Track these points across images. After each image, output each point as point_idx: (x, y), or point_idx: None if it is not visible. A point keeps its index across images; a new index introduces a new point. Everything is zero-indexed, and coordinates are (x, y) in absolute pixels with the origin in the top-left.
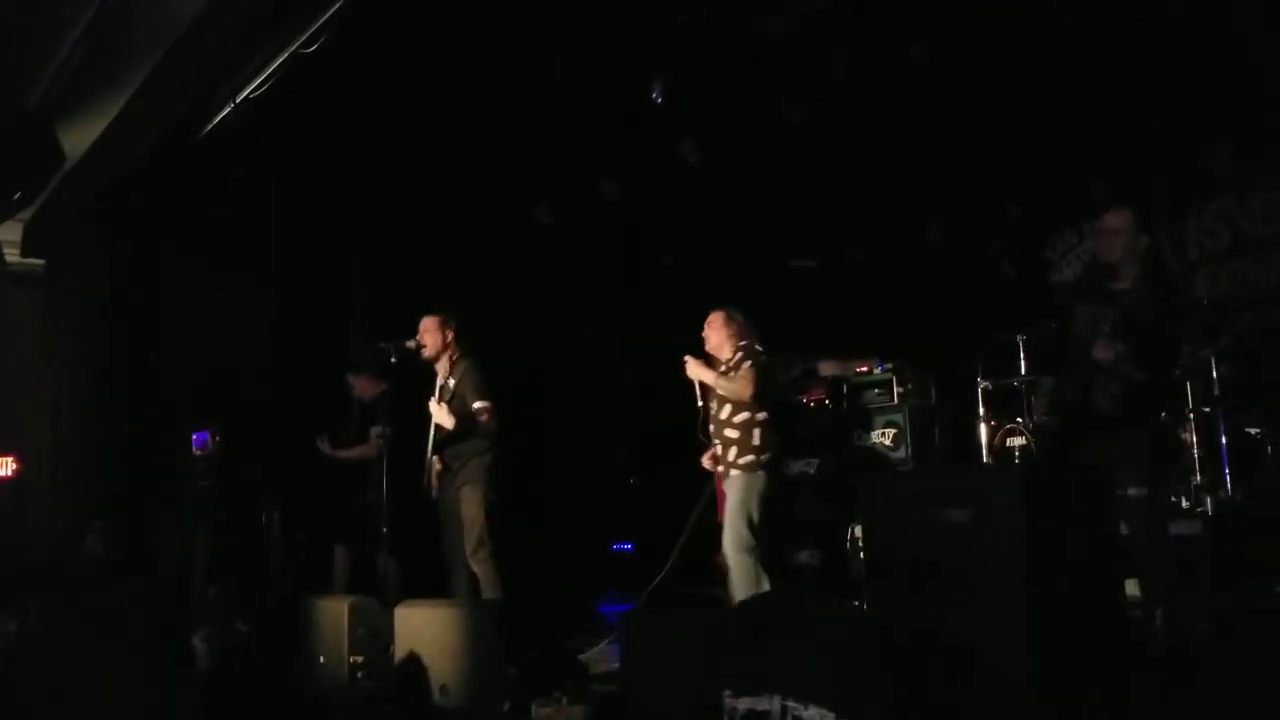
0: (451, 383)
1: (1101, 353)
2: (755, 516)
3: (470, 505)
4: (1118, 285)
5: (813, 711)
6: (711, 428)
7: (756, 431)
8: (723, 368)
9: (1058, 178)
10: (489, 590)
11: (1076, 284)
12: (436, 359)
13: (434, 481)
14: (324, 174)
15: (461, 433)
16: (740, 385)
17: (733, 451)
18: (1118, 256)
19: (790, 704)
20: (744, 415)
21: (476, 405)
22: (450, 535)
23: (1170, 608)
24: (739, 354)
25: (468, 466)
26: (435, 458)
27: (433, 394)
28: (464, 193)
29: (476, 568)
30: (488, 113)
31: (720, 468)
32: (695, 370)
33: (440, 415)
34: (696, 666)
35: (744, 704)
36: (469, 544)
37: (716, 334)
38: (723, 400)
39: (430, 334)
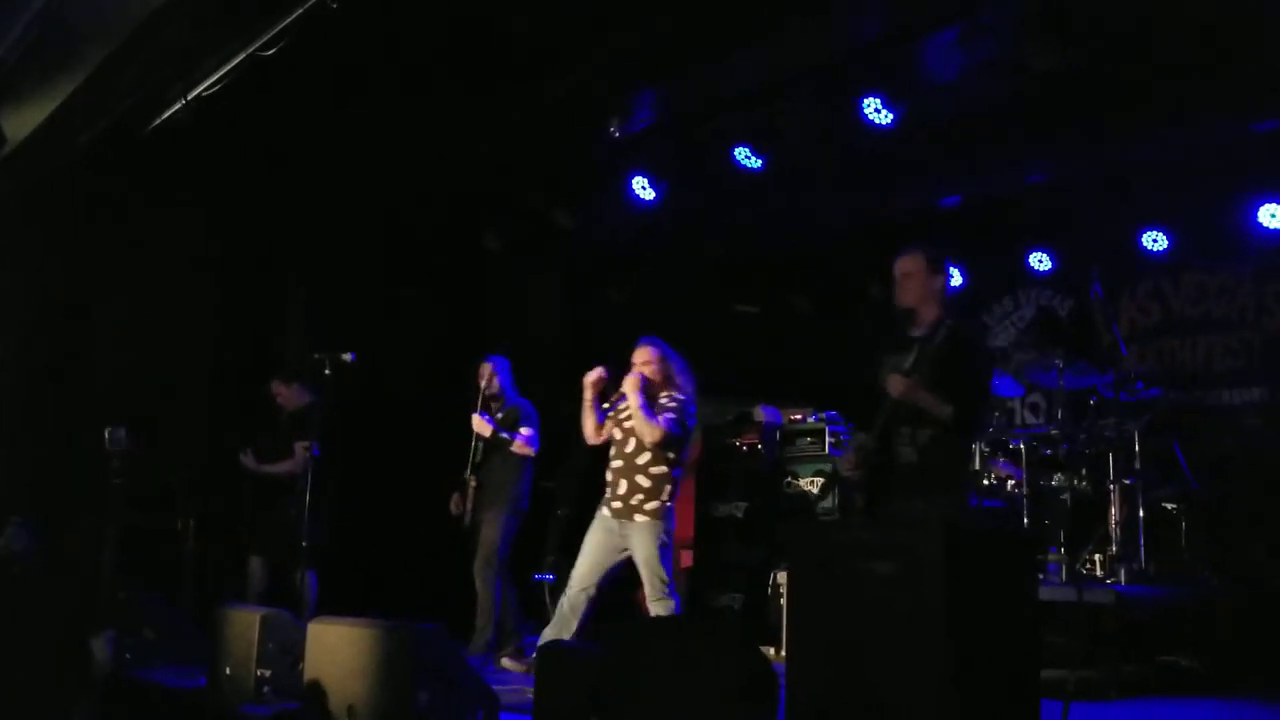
0: (499, 415)
1: (894, 387)
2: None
3: (489, 528)
4: (917, 330)
5: None
6: (620, 464)
7: (668, 487)
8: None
9: (997, 247)
10: (483, 611)
11: (886, 336)
12: (496, 396)
13: (468, 505)
14: (271, 179)
15: (497, 455)
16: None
17: (638, 497)
18: (914, 301)
19: None
20: (662, 468)
21: (524, 434)
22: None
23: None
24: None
25: (497, 491)
26: (472, 477)
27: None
28: (411, 212)
29: (478, 584)
30: (439, 134)
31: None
32: None
33: (479, 425)
34: (582, 699)
35: None
36: (478, 561)
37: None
38: (641, 445)
39: (494, 378)
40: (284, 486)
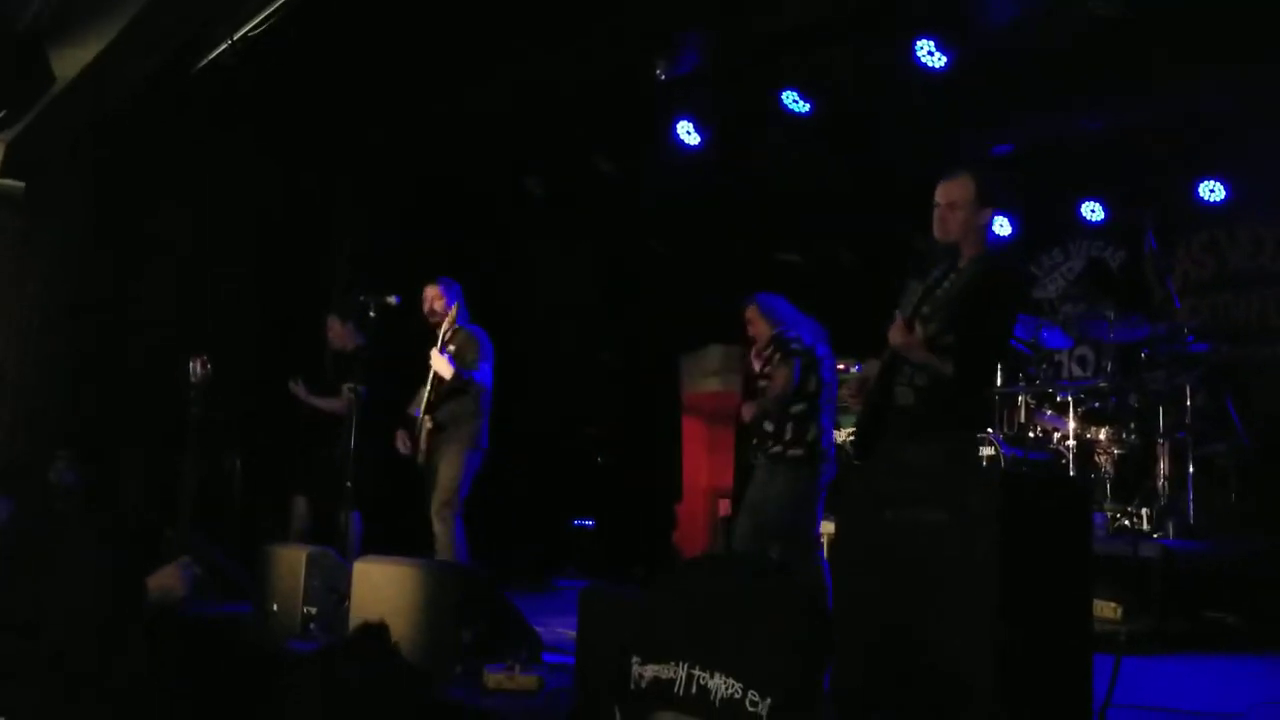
0: (451, 348)
1: (893, 336)
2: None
3: (448, 466)
4: (961, 264)
5: (718, 680)
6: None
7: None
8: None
9: (1048, 197)
10: (443, 551)
11: (917, 258)
12: (440, 324)
13: (423, 443)
14: (318, 118)
15: (454, 396)
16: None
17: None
18: (955, 234)
19: (696, 671)
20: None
21: (481, 370)
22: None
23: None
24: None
25: (455, 430)
26: (427, 418)
27: (421, 350)
28: (458, 157)
29: (437, 525)
30: (487, 78)
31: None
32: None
33: (439, 364)
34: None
35: (650, 671)
36: (436, 501)
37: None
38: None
39: (437, 301)
40: (329, 426)
